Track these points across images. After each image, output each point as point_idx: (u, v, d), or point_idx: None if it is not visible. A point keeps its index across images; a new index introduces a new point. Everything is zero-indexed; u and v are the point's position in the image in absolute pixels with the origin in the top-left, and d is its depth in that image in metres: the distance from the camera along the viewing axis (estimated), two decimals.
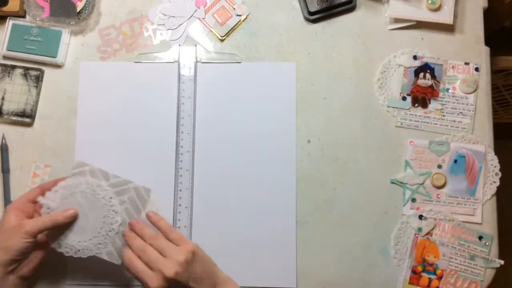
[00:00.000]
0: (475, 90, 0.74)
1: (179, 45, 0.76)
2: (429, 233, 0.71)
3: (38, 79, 0.75)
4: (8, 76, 0.75)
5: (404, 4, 0.76)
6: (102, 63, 0.76)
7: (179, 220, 0.72)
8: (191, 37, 0.77)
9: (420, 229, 0.71)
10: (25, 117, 0.74)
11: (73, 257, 0.64)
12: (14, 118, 0.74)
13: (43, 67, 0.75)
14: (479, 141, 0.73)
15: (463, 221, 0.71)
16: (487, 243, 0.70)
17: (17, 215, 0.62)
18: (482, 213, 0.71)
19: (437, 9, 0.75)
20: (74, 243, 0.64)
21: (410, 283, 0.70)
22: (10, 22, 0.75)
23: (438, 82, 0.75)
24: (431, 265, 0.70)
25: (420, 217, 0.71)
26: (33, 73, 0.75)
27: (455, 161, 0.73)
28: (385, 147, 0.74)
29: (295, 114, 0.74)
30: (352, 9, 0.77)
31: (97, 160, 0.72)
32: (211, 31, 0.77)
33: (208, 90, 0.75)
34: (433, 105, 0.74)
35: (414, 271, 0.70)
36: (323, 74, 0.76)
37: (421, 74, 0.75)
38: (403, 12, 0.76)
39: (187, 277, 0.60)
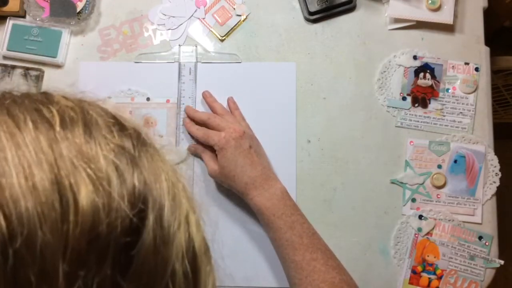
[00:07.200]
0: (475, 90, 0.74)
1: (179, 45, 0.76)
2: (429, 233, 0.71)
3: (38, 79, 0.75)
4: (8, 76, 0.75)
5: (404, 4, 0.76)
6: (102, 63, 0.76)
7: None
8: (191, 37, 0.77)
9: (420, 229, 0.71)
10: None
11: None
12: None
13: (43, 67, 0.75)
14: (479, 141, 0.73)
15: (463, 221, 0.71)
16: (487, 243, 0.70)
17: None
18: (482, 213, 0.71)
19: (437, 9, 0.75)
20: None
21: (410, 283, 0.70)
22: (10, 22, 0.75)
23: (438, 82, 0.75)
24: (431, 265, 0.70)
25: (420, 217, 0.71)
26: (33, 73, 0.75)
27: (455, 161, 0.72)
28: (385, 147, 0.74)
29: (295, 114, 0.74)
30: (352, 9, 0.77)
31: None
32: (211, 31, 0.77)
33: (208, 90, 0.75)
34: (433, 105, 0.74)
35: (414, 271, 0.70)
36: (323, 74, 0.76)
37: (421, 74, 0.75)
38: (403, 12, 0.76)
39: (254, 142, 0.65)
